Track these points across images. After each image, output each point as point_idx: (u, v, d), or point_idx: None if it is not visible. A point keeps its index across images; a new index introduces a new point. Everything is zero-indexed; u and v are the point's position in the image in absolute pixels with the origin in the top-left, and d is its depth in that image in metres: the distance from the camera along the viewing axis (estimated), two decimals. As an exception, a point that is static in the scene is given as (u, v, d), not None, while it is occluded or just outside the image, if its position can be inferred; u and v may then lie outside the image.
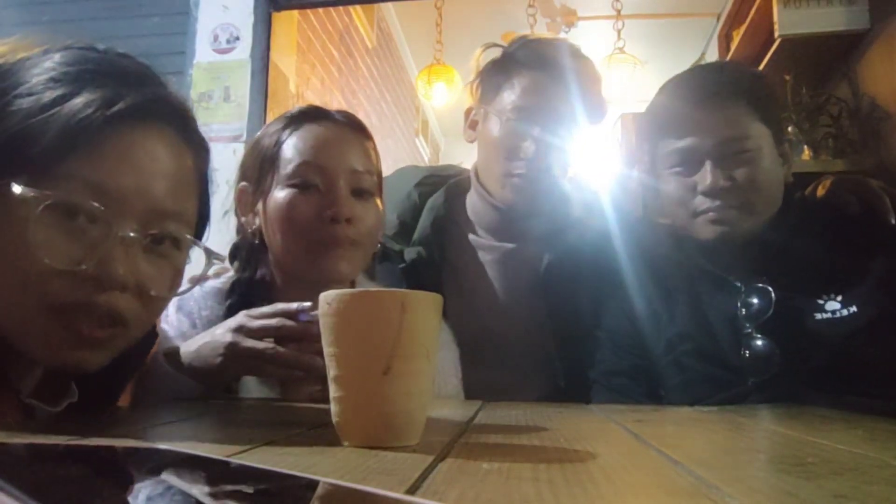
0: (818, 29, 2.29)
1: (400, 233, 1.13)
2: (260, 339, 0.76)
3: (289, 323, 0.75)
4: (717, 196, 0.90)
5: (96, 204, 0.54)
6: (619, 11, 3.52)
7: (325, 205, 0.86)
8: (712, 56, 3.99)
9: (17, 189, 0.52)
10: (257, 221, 0.91)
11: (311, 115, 0.93)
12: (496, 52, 1.12)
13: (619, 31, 3.56)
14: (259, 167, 0.91)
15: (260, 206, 0.91)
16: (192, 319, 0.89)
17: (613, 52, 3.57)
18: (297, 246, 0.87)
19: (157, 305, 0.62)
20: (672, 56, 4.11)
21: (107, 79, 0.58)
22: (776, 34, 2.35)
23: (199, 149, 0.67)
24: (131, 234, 0.56)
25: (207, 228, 0.70)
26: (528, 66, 1.06)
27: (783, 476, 0.37)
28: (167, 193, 0.59)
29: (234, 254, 0.95)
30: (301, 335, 0.75)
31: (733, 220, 0.90)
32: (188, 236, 0.62)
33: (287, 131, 0.91)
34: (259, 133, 0.96)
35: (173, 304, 0.90)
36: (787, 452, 0.48)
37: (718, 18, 3.86)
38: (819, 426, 0.61)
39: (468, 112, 1.17)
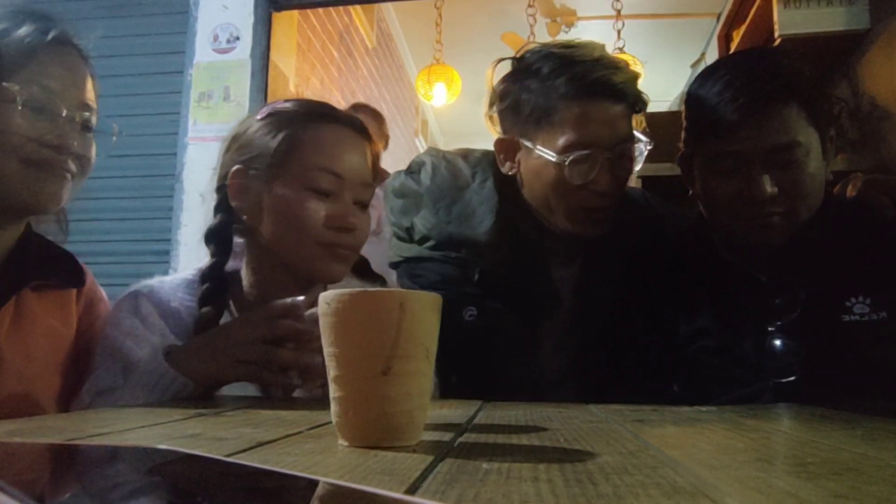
0: (818, 29, 2.29)
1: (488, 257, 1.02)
2: (257, 342, 0.76)
3: (284, 324, 0.76)
4: (765, 204, 0.88)
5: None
6: (619, 11, 3.53)
7: (336, 213, 0.88)
8: (712, 56, 3.99)
9: None
10: (255, 210, 0.90)
11: (331, 115, 0.93)
12: (507, 66, 1.03)
13: (619, 31, 3.56)
14: (252, 154, 0.90)
15: (261, 195, 0.89)
16: (162, 309, 0.89)
17: (613, 52, 3.57)
18: (302, 248, 0.89)
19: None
20: (672, 56, 4.12)
21: None
22: (776, 34, 2.35)
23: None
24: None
25: None
26: (574, 98, 0.95)
27: (783, 476, 0.37)
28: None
29: (209, 237, 0.93)
30: (298, 335, 0.75)
31: (779, 225, 0.88)
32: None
33: (308, 127, 0.90)
34: (264, 112, 0.93)
35: (143, 294, 0.91)
36: (787, 452, 0.48)
37: (718, 18, 3.86)
38: (819, 426, 0.61)
39: (501, 144, 1.04)
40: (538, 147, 0.98)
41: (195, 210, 2.22)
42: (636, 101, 0.98)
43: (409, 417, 0.46)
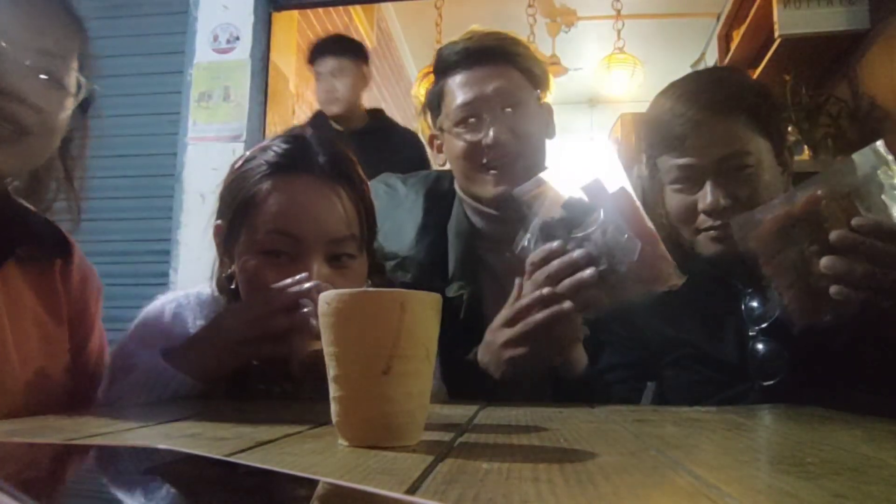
0: (818, 29, 2.29)
1: (435, 271, 1.08)
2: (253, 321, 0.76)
3: (272, 292, 0.76)
4: (719, 216, 0.89)
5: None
6: (619, 11, 3.53)
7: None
8: (712, 56, 3.99)
9: None
10: (232, 268, 0.87)
11: (293, 163, 0.85)
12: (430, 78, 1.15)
13: (619, 31, 3.57)
14: (232, 208, 0.86)
15: (235, 252, 0.86)
16: (187, 328, 0.89)
17: (613, 52, 3.58)
18: None
19: None
20: (672, 56, 4.11)
21: None
22: (776, 34, 2.36)
23: None
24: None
25: None
26: (453, 69, 1.08)
27: (783, 476, 0.37)
28: None
29: (221, 290, 0.90)
30: (289, 303, 0.75)
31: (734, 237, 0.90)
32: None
33: (267, 182, 0.83)
34: (240, 164, 0.88)
35: (169, 311, 0.90)
36: (787, 452, 0.48)
37: (718, 18, 3.86)
38: (819, 426, 0.61)
39: (431, 140, 1.17)
40: (443, 125, 1.09)
41: (195, 210, 2.23)
42: (521, 65, 1.06)
43: (409, 417, 0.46)
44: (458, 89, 1.06)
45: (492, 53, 1.06)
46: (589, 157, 0.95)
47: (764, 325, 0.89)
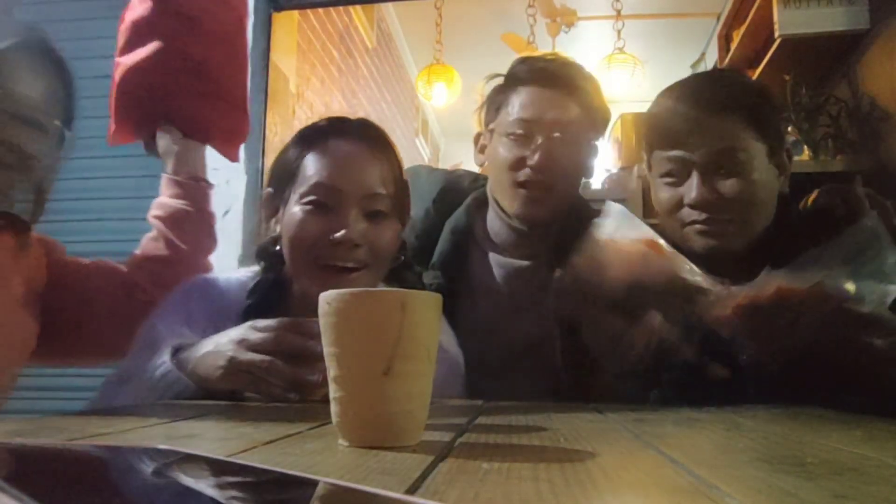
0: (818, 29, 2.29)
1: (418, 254, 1.13)
2: (260, 352, 0.75)
3: (290, 337, 0.75)
4: (704, 209, 0.91)
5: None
6: (619, 11, 3.52)
7: (334, 227, 0.88)
8: (712, 56, 3.99)
9: None
10: (277, 229, 0.94)
11: (334, 130, 0.95)
12: (499, 80, 1.16)
13: (619, 31, 3.56)
14: (280, 177, 0.95)
15: (280, 214, 0.94)
16: (213, 306, 0.91)
17: (613, 52, 3.57)
18: (302, 263, 0.90)
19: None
20: (672, 56, 4.11)
21: None
22: (776, 34, 2.35)
23: None
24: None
25: None
26: (524, 82, 1.10)
27: (783, 476, 0.37)
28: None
29: (261, 255, 0.97)
30: (301, 351, 0.75)
31: (721, 233, 0.91)
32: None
33: (312, 145, 0.93)
34: (288, 141, 0.99)
35: (197, 287, 0.95)
36: (787, 452, 0.48)
37: (718, 18, 3.86)
38: (819, 426, 0.62)
39: (477, 138, 1.20)
40: (494, 129, 1.13)
41: (195, 210, 2.22)
42: (586, 102, 1.09)
43: (409, 417, 0.46)
44: (520, 104, 1.09)
45: (564, 81, 1.09)
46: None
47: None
